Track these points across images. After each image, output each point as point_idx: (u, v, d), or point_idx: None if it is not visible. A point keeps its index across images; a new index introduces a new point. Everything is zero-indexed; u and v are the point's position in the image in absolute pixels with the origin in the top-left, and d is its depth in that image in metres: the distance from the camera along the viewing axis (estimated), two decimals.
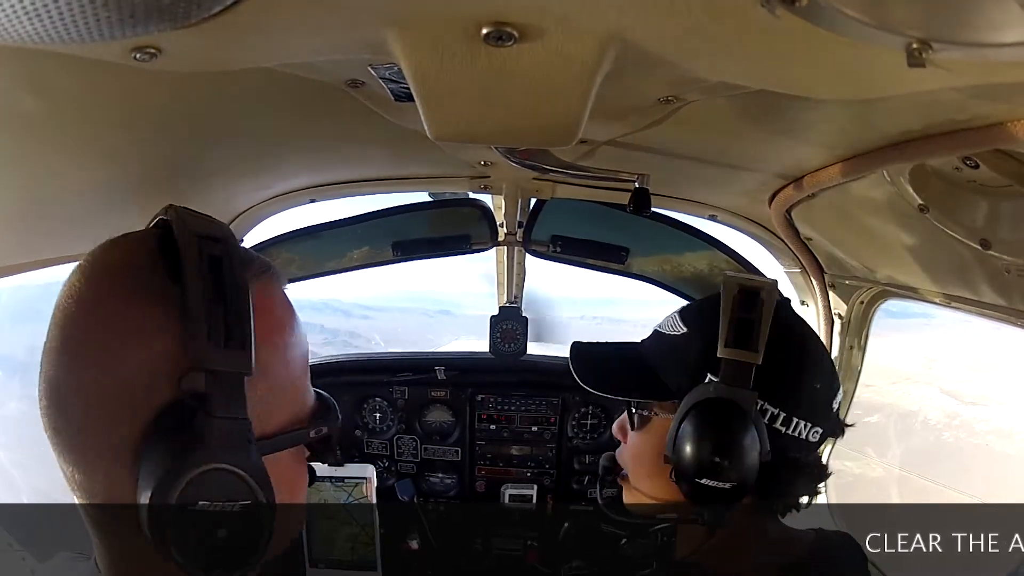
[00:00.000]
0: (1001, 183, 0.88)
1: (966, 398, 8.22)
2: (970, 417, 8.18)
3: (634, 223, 1.93)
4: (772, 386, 0.88)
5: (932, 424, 8.28)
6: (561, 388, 2.15)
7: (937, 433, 8.17)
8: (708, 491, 0.85)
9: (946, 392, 8.43)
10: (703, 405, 0.87)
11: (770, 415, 0.88)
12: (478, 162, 1.53)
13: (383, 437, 2.20)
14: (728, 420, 0.86)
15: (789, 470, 0.90)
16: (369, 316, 11.25)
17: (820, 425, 0.91)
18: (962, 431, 8.12)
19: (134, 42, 0.56)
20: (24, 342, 4.68)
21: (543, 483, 2.17)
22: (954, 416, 8.25)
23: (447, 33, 0.58)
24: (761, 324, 0.87)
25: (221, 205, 1.60)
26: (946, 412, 8.30)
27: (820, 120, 0.96)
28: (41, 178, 0.95)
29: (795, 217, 1.48)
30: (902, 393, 8.38)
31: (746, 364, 0.86)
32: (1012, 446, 7.36)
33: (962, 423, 8.18)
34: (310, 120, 1.16)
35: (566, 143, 0.88)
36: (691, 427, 0.87)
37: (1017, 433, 7.57)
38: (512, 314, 2.13)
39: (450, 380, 2.18)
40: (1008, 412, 7.84)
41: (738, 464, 0.85)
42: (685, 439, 0.87)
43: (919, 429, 8.21)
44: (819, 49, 0.56)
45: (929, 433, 8.15)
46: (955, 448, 7.91)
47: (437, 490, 2.20)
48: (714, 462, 0.85)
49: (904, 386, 8.46)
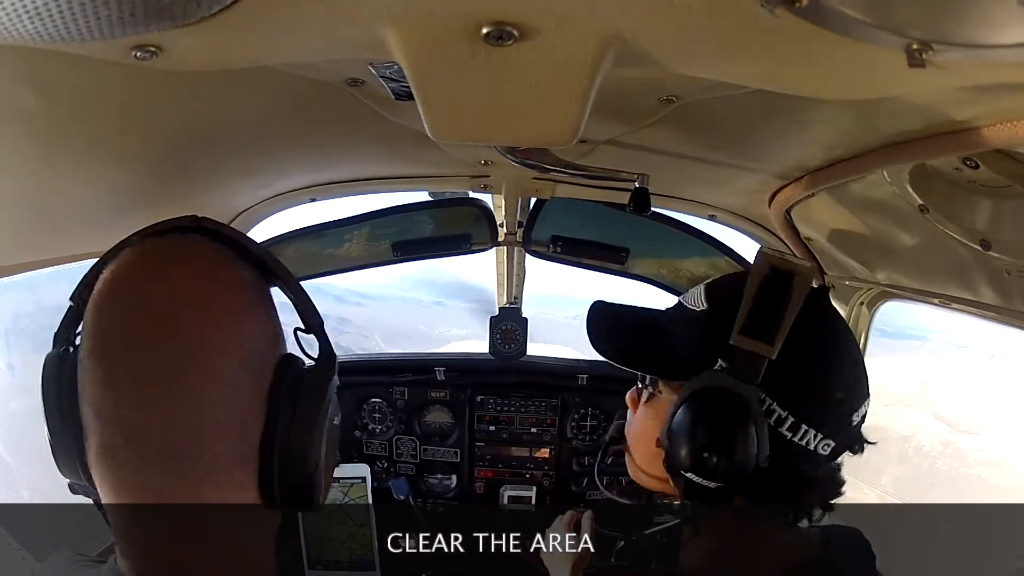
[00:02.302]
0: (1001, 183, 0.88)
1: (960, 426, 8.18)
2: (964, 445, 8.15)
3: (634, 223, 1.93)
4: (784, 385, 0.80)
5: (926, 451, 8.24)
6: (561, 389, 2.15)
7: (931, 461, 8.15)
8: (693, 487, 0.81)
9: (939, 418, 8.39)
10: (703, 393, 0.81)
11: (776, 416, 0.80)
12: (478, 162, 1.53)
13: (382, 438, 2.20)
14: (726, 414, 0.79)
15: (790, 480, 0.82)
16: (362, 304, 11.17)
17: (833, 438, 0.82)
18: (955, 459, 8.08)
19: (134, 40, 0.56)
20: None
21: (542, 484, 2.17)
22: (948, 444, 8.22)
23: (447, 33, 0.58)
24: (785, 313, 0.79)
25: (221, 204, 1.60)
26: (940, 439, 8.26)
27: (820, 120, 0.96)
28: (42, 177, 0.95)
29: (795, 217, 1.48)
30: (896, 416, 8.33)
31: (758, 356, 0.78)
32: (1005, 479, 7.34)
33: (955, 451, 8.14)
34: (310, 120, 1.16)
35: (566, 143, 0.88)
36: (686, 415, 0.81)
37: (1011, 464, 7.55)
38: (512, 315, 2.13)
39: (450, 381, 2.18)
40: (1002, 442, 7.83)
41: (728, 464, 0.78)
42: (678, 426, 0.81)
43: (912, 455, 8.16)
44: (819, 49, 0.56)
45: (923, 460, 8.12)
46: (948, 477, 7.88)
47: (436, 491, 2.20)
48: (702, 457, 0.79)
49: (899, 409, 8.41)
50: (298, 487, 0.62)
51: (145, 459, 0.56)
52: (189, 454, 0.56)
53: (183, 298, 0.58)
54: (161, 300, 0.57)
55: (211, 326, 0.58)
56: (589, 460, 2.17)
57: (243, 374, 0.59)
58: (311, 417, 0.62)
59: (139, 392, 0.55)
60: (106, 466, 0.57)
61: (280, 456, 0.60)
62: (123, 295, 0.58)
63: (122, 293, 0.58)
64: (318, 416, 0.63)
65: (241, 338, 0.59)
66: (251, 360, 0.60)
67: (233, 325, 0.60)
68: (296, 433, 0.61)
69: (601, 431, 2.16)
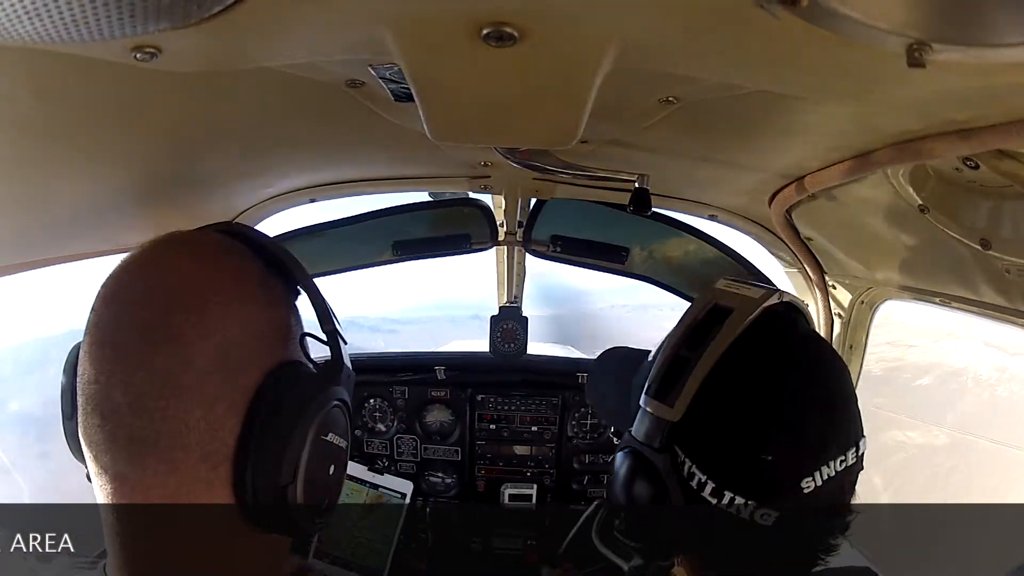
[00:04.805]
0: (1001, 183, 0.88)
1: (1011, 349, 7.78)
2: (1019, 369, 7.74)
3: (634, 223, 1.93)
4: (700, 445, 0.70)
5: (984, 380, 7.91)
6: (561, 388, 2.15)
7: (991, 389, 7.82)
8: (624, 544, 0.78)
9: (990, 344, 8.01)
10: (620, 451, 0.75)
11: (698, 481, 0.69)
12: (478, 162, 1.53)
13: (383, 437, 2.20)
14: (632, 476, 0.72)
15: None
16: (397, 330, 11.15)
17: (771, 507, 0.67)
18: (1015, 384, 7.70)
19: (134, 41, 0.56)
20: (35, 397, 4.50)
21: (543, 483, 2.17)
22: (1003, 369, 7.86)
23: (447, 33, 0.58)
24: (696, 367, 0.70)
25: (221, 205, 1.60)
26: (995, 366, 7.92)
27: (820, 120, 0.96)
28: (42, 177, 0.95)
29: (795, 217, 1.48)
30: (946, 351, 8.06)
31: (660, 420, 0.71)
32: None
33: (1012, 375, 7.78)
34: (310, 120, 1.16)
35: (566, 143, 0.88)
36: (614, 471, 0.75)
37: None
38: (512, 314, 2.13)
39: (450, 380, 2.18)
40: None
41: (638, 529, 0.74)
42: (611, 483, 0.76)
43: (972, 387, 7.95)
44: (819, 49, 0.56)
45: (983, 390, 7.83)
46: (1011, 403, 7.53)
47: (437, 490, 2.20)
48: (621, 516, 0.76)
49: (947, 343, 8.14)
50: (270, 498, 0.57)
51: (116, 442, 0.55)
52: (158, 442, 0.54)
53: (171, 282, 0.58)
54: (149, 281, 0.58)
55: (194, 312, 0.56)
56: (590, 458, 2.17)
57: (222, 366, 0.56)
58: (289, 425, 0.58)
59: (115, 368, 0.55)
60: (85, 448, 0.57)
61: (252, 463, 0.56)
62: (119, 277, 0.59)
63: (119, 275, 0.59)
64: (297, 425, 0.58)
65: (226, 330, 0.57)
66: (234, 353, 0.57)
67: (218, 315, 0.57)
68: (270, 440, 0.57)
69: (602, 429, 2.16)
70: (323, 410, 0.60)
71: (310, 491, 0.59)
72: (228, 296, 0.59)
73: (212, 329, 0.56)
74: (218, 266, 0.60)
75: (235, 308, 0.59)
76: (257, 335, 0.59)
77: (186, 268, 0.59)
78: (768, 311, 0.73)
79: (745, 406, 0.70)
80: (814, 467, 0.67)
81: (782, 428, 0.69)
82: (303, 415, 0.59)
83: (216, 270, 0.60)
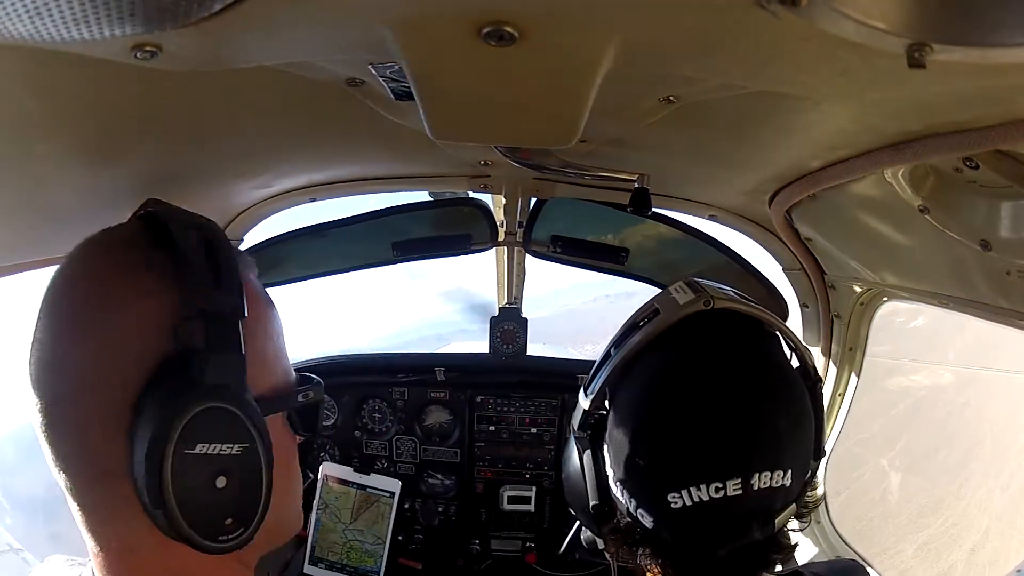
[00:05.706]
0: (1001, 184, 0.88)
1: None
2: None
3: (634, 223, 1.93)
4: (605, 438, 0.77)
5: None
6: (560, 389, 2.15)
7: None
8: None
9: None
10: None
11: (612, 474, 0.76)
12: (478, 162, 1.53)
13: (382, 438, 2.20)
14: (569, 458, 0.84)
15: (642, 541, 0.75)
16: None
17: (646, 510, 0.71)
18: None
19: (134, 40, 0.56)
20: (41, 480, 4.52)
21: (542, 484, 2.17)
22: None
23: (447, 33, 0.58)
24: (609, 362, 0.76)
25: (221, 204, 1.60)
26: None
27: (820, 120, 0.96)
28: (41, 177, 0.95)
29: (795, 217, 1.48)
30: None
31: (581, 408, 0.80)
32: None
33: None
34: (310, 120, 1.16)
35: (566, 143, 0.88)
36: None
37: None
38: (512, 315, 2.12)
39: (449, 381, 2.18)
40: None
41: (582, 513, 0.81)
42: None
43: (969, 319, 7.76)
44: (819, 49, 0.56)
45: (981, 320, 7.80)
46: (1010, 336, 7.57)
47: (436, 491, 2.20)
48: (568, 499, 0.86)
49: None
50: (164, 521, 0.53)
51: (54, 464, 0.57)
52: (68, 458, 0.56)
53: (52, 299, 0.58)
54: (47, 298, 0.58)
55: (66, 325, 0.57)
56: None
57: (102, 382, 0.54)
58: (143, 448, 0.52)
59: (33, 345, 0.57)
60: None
61: (137, 487, 0.53)
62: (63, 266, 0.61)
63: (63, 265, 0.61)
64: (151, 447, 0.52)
65: (96, 334, 0.55)
66: (112, 359, 0.55)
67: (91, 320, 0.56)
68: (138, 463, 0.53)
69: None
70: (179, 422, 0.53)
71: (194, 511, 0.53)
72: (103, 302, 0.57)
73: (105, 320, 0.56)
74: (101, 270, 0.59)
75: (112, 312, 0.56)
76: (153, 323, 0.56)
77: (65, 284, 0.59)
78: (690, 318, 0.73)
79: (634, 407, 0.73)
80: (679, 484, 0.67)
81: (656, 436, 0.71)
82: (156, 435, 0.52)
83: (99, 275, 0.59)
